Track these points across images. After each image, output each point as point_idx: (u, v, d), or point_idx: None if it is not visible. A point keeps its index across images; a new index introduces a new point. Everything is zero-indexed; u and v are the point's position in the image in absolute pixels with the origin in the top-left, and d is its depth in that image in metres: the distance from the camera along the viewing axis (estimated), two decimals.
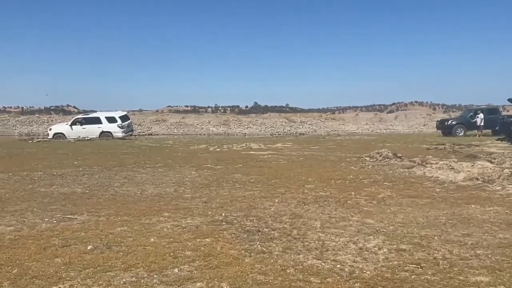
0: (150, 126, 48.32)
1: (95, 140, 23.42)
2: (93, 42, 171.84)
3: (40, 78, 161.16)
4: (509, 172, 9.43)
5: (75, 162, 13.01)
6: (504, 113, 30.92)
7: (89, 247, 4.73)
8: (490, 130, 25.86)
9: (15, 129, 47.76)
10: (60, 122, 37.83)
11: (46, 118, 53.84)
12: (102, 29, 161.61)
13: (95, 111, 29.96)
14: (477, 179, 9.16)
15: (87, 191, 8.42)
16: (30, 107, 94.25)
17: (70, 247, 4.77)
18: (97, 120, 26.03)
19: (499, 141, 20.56)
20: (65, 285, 3.72)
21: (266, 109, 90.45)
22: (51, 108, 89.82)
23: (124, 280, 3.81)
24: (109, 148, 18.10)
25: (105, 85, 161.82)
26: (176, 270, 4.05)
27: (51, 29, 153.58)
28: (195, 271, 4.02)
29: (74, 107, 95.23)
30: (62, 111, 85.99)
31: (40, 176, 10.22)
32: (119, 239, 5.08)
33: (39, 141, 24.02)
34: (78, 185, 9.02)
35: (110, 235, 5.25)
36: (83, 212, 6.55)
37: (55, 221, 5.99)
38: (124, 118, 26.87)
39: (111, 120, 25.80)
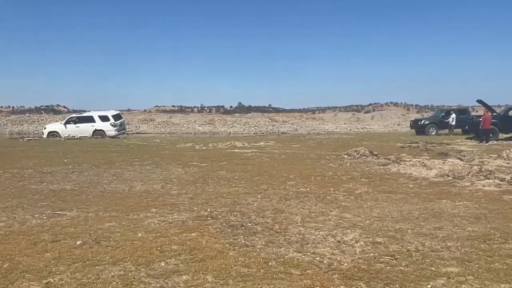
0: (138, 125, 48.15)
1: (84, 139, 23.26)
2: (83, 43, 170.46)
3: (31, 78, 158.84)
4: (478, 169, 9.76)
5: (65, 160, 12.93)
6: (473, 113, 31.78)
7: (78, 242, 4.80)
8: (461, 129, 26.65)
9: (6, 128, 47.31)
10: (50, 121, 38.86)
11: (36, 118, 53.72)
12: (92, 30, 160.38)
13: (85, 111, 29.95)
14: (448, 175, 9.48)
15: (76, 188, 8.45)
16: (20, 106, 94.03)
17: (59, 242, 4.83)
18: (90, 119, 26.24)
19: (469, 140, 21.29)
20: (55, 278, 3.79)
21: (250, 109, 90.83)
22: (41, 107, 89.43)
23: (112, 273, 3.89)
24: (98, 147, 17.93)
25: (95, 85, 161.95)
26: (162, 263, 4.16)
27: (41, 30, 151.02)
28: (181, 265, 4.13)
29: (64, 106, 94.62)
30: (52, 110, 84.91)
31: (31, 174, 10.20)
32: (107, 234, 5.16)
33: (30, 139, 23.81)
34: (67, 182, 9.03)
35: (98, 230, 5.33)
36: (73, 208, 6.60)
37: (45, 217, 6.03)
38: (116, 117, 27.09)
39: (104, 118, 26.04)
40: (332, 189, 8.21)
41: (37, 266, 4.10)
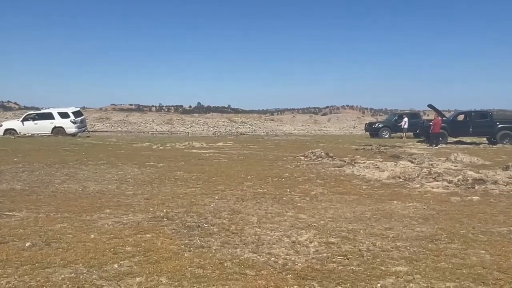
0: (94, 124, 46.62)
1: (36, 137, 22.37)
2: (35, 39, 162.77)
3: None
4: (427, 171, 10.22)
5: (15, 159, 12.42)
6: (424, 117, 33.16)
7: (27, 244, 4.62)
8: (412, 133, 27.78)
9: None
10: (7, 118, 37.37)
11: None
12: (44, 26, 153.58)
13: (38, 108, 28.99)
14: (399, 177, 9.82)
15: (26, 188, 8.13)
16: None
17: (7, 244, 4.64)
18: (49, 116, 25.43)
19: (420, 143, 22.23)
20: (2, 282, 3.63)
21: (209, 109, 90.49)
22: None
23: (62, 276, 3.77)
24: (51, 145, 17.24)
25: (48, 81, 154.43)
26: (116, 265, 4.07)
27: None
28: (135, 266, 4.05)
29: (15, 103, 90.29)
30: (2, 107, 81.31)
31: None
32: (58, 235, 4.99)
33: None
34: (17, 182, 8.67)
35: (49, 231, 5.15)
36: (22, 209, 6.34)
37: None
38: (77, 113, 26.35)
39: (63, 115, 25.25)
40: (288, 190, 8.32)
41: None
